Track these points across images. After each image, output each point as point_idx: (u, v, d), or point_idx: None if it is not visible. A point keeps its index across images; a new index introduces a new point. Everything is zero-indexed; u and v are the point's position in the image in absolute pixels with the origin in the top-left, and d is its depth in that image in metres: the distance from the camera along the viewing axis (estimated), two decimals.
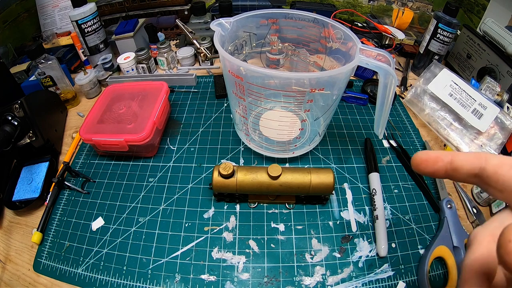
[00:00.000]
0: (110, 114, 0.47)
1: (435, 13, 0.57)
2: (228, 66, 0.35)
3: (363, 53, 0.33)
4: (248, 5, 0.75)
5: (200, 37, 0.65)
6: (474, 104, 0.48)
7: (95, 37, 0.62)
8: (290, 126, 0.40)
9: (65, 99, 0.57)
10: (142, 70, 0.63)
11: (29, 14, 0.70)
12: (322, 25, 0.41)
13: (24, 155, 0.47)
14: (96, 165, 0.47)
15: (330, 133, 0.49)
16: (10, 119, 0.43)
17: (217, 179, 0.36)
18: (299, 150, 0.44)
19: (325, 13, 0.69)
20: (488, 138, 0.47)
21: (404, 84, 0.61)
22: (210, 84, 0.61)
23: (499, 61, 0.53)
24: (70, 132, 0.54)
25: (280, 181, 0.36)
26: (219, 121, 0.52)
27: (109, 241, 0.38)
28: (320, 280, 0.34)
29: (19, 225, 0.41)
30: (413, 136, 0.50)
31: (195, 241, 0.37)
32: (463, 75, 0.62)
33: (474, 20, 0.67)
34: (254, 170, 0.37)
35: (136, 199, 0.42)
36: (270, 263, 0.35)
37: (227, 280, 0.34)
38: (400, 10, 0.73)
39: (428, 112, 0.51)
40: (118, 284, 0.34)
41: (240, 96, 0.37)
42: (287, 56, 0.49)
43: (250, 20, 0.41)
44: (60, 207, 0.42)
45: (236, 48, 0.44)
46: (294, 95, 0.34)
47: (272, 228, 0.38)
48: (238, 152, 0.47)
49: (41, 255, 0.37)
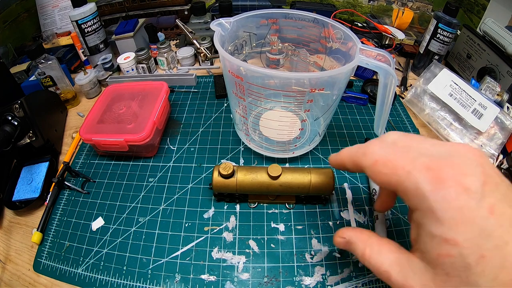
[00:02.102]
0: (110, 114, 0.47)
1: (435, 13, 0.57)
2: (228, 66, 0.35)
3: (363, 53, 0.33)
4: (248, 5, 0.75)
5: (200, 37, 0.65)
6: (474, 104, 0.48)
7: (95, 37, 0.62)
8: (290, 126, 0.40)
9: (65, 99, 0.57)
10: (142, 70, 0.63)
11: (29, 14, 0.70)
12: (322, 25, 0.41)
13: (24, 155, 0.47)
14: (96, 165, 0.47)
15: (330, 133, 0.49)
16: (10, 119, 0.43)
17: (217, 179, 0.36)
18: (299, 150, 0.44)
19: (325, 13, 0.69)
20: (488, 138, 0.47)
21: (404, 84, 0.61)
22: (210, 84, 0.61)
23: (499, 61, 0.53)
24: (70, 132, 0.54)
25: (280, 181, 0.36)
26: (219, 121, 0.52)
27: (109, 241, 0.38)
28: (320, 280, 0.34)
29: (19, 225, 0.41)
30: None
31: (195, 241, 0.37)
32: (463, 75, 0.62)
33: (474, 20, 0.67)
34: (254, 170, 0.37)
35: (136, 199, 0.42)
36: (270, 263, 0.35)
37: (227, 280, 0.34)
38: (400, 10, 0.73)
39: (428, 112, 0.51)
40: (118, 284, 0.34)
41: (240, 96, 0.37)
42: (287, 56, 0.49)
43: (250, 20, 0.41)
44: (60, 207, 0.42)
45: (236, 48, 0.44)
46: (294, 95, 0.34)
47: (272, 228, 0.38)
48: (238, 152, 0.47)
49: (41, 255, 0.37)
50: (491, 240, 0.17)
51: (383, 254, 0.22)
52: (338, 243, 0.26)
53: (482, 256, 0.17)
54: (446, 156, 0.20)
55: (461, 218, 0.18)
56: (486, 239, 0.17)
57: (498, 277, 0.17)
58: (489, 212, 0.18)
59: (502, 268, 0.17)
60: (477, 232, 0.17)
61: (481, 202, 0.18)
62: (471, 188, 0.18)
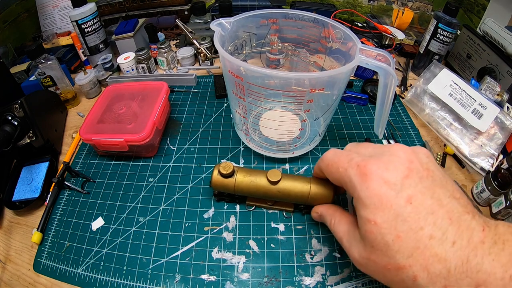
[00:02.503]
0: (110, 114, 0.47)
1: (435, 13, 0.57)
2: (228, 66, 0.35)
3: (363, 53, 0.33)
4: (248, 5, 0.75)
5: (200, 37, 0.65)
6: (474, 104, 0.48)
7: (95, 37, 0.62)
8: (290, 126, 0.40)
9: (65, 99, 0.57)
10: (142, 70, 0.63)
11: (29, 14, 0.70)
12: (322, 25, 0.41)
13: (24, 155, 0.47)
14: (96, 165, 0.47)
15: (330, 133, 0.49)
16: (10, 119, 0.43)
17: (216, 178, 0.36)
18: (299, 150, 0.44)
19: (325, 13, 0.69)
20: (488, 138, 0.47)
21: (404, 84, 0.61)
22: (210, 84, 0.61)
23: (499, 61, 0.53)
24: (70, 132, 0.54)
25: (279, 187, 0.35)
26: (219, 121, 0.52)
27: (109, 241, 0.38)
28: (320, 280, 0.34)
29: (19, 225, 0.41)
30: (413, 136, 0.50)
31: (195, 241, 0.37)
32: (463, 75, 0.62)
33: (474, 20, 0.67)
34: (254, 173, 0.36)
35: (136, 199, 0.42)
36: (270, 263, 0.35)
37: (227, 280, 0.34)
38: (400, 10, 0.73)
39: (428, 112, 0.51)
40: (118, 284, 0.34)
41: (240, 96, 0.37)
42: (287, 56, 0.49)
43: (250, 20, 0.41)
44: (60, 207, 0.42)
45: (236, 48, 0.44)
46: (294, 95, 0.34)
47: (272, 228, 0.38)
48: (238, 152, 0.47)
49: (41, 255, 0.37)
50: (406, 224, 0.21)
51: (340, 224, 0.29)
52: (314, 217, 0.35)
53: (398, 236, 0.21)
54: (377, 155, 0.25)
55: (380, 204, 0.22)
56: (402, 223, 0.21)
57: (413, 255, 0.20)
58: (407, 201, 0.21)
59: (416, 249, 0.20)
60: (393, 216, 0.21)
61: (400, 193, 0.22)
62: (390, 180, 0.22)
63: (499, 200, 0.38)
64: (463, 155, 0.46)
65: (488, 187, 0.39)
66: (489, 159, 0.45)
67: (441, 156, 0.47)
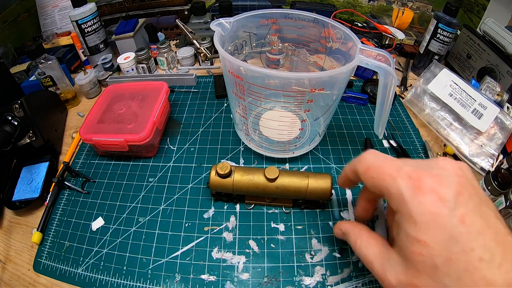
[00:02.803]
0: (110, 114, 0.47)
1: (435, 13, 0.57)
2: (228, 66, 0.35)
3: (363, 53, 0.33)
4: (248, 5, 0.75)
5: (200, 37, 0.65)
6: (474, 104, 0.48)
7: (95, 37, 0.62)
8: (290, 126, 0.40)
9: (65, 99, 0.57)
10: (142, 70, 0.63)
11: (29, 14, 0.70)
12: (322, 25, 0.41)
13: (24, 155, 0.47)
14: (96, 165, 0.47)
15: (330, 133, 0.49)
16: (10, 119, 0.43)
17: (214, 178, 0.36)
18: (299, 150, 0.44)
19: (325, 13, 0.69)
20: (488, 138, 0.47)
21: (404, 84, 0.61)
22: (210, 84, 0.61)
23: (499, 61, 0.53)
24: (70, 132, 0.54)
25: (277, 184, 0.35)
26: (219, 121, 0.52)
27: (109, 241, 0.38)
28: (320, 280, 0.34)
29: (19, 225, 0.41)
30: (413, 136, 0.50)
31: (195, 241, 0.37)
32: (463, 75, 0.62)
33: (474, 20, 0.67)
34: (251, 172, 0.37)
35: (136, 199, 0.42)
36: (270, 263, 0.35)
37: (227, 280, 0.34)
38: (400, 10, 0.73)
39: (428, 112, 0.51)
40: (118, 284, 0.34)
41: (240, 96, 0.37)
42: (287, 56, 0.49)
43: (250, 20, 0.41)
44: (60, 207, 0.42)
45: (236, 48, 0.44)
46: (294, 95, 0.34)
47: (272, 228, 0.38)
48: (238, 152, 0.47)
49: (41, 255, 0.37)
50: (458, 245, 0.19)
51: (370, 246, 0.26)
52: (336, 233, 0.31)
53: (449, 259, 0.19)
54: (427, 168, 0.23)
55: (433, 223, 0.20)
56: (454, 244, 0.19)
57: (462, 278, 0.19)
58: (460, 221, 0.20)
59: (465, 271, 0.19)
60: (447, 237, 0.20)
61: (454, 211, 0.20)
62: (445, 197, 0.20)
63: (499, 200, 0.38)
64: (463, 155, 0.46)
65: (488, 187, 0.39)
66: (489, 159, 0.45)
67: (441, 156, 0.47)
